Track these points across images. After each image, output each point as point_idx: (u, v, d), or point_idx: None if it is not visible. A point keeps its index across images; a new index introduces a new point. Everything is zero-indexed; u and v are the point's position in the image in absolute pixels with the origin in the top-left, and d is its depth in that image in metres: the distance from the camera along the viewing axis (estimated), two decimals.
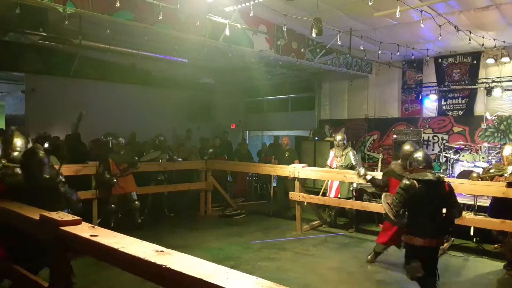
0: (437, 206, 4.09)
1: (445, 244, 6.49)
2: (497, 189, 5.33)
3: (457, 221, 5.87)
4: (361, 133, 11.92)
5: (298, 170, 7.33)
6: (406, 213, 4.20)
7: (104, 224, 6.52)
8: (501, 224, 5.28)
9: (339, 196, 7.43)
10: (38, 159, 3.74)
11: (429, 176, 4.02)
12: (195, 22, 6.71)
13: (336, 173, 7.31)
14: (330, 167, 7.76)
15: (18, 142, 4.28)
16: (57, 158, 5.54)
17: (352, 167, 7.47)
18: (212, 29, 7.09)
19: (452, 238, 6.69)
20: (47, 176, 3.74)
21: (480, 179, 5.64)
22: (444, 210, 4.15)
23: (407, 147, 5.50)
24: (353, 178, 6.97)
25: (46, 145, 6.89)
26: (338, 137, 7.84)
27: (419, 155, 4.28)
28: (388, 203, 4.25)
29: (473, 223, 6.16)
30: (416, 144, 5.72)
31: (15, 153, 4.28)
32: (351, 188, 7.49)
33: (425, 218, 3.99)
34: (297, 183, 7.45)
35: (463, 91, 10.16)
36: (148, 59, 9.86)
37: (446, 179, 4.33)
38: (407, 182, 4.07)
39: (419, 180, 4.00)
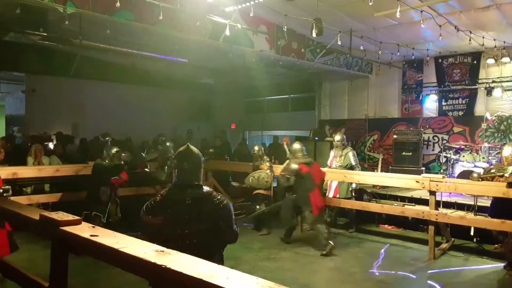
0: None
1: (445, 245, 6.49)
2: (498, 189, 5.33)
3: (459, 222, 5.93)
4: (361, 133, 11.92)
5: None
6: None
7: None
8: (501, 224, 5.28)
9: (337, 196, 7.42)
10: None
11: None
12: (196, 22, 6.71)
13: (336, 173, 7.30)
14: (330, 167, 7.75)
15: None
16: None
17: (351, 168, 7.47)
18: (212, 29, 7.10)
19: (452, 239, 6.69)
20: None
21: (480, 179, 5.64)
22: None
23: None
24: (354, 178, 6.98)
25: None
26: (337, 137, 7.83)
27: None
28: None
29: (473, 223, 6.16)
30: None
31: None
32: (350, 189, 7.48)
33: None
34: None
35: (464, 91, 10.16)
36: (148, 59, 9.86)
37: None
38: None
39: None
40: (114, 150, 6.42)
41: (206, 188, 2.67)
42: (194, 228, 2.48)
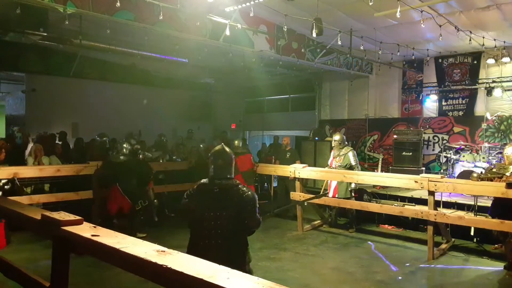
0: None
1: (445, 245, 6.49)
2: (496, 189, 5.32)
3: (458, 222, 5.93)
4: (362, 133, 11.93)
5: (299, 170, 7.33)
6: None
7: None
8: (500, 225, 5.28)
9: (336, 196, 7.43)
10: None
11: None
12: (196, 22, 6.72)
13: (336, 173, 7.31)
14: (330, 167, 7.76)
15: None
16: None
17: (351, 168, 7.46)
18: (212, 29, 7.11)
19: (453, 239, 6.69)
20: None
21: (479, 179, 5.63)
22: None
23: None
24: (353, 178, 6.97)
25: None
26: (336, 137, 7.83)
27: None
28: None
29: (472, 223, 6.16)
30: None
31: None
32: (349, 189, 7.48)
33: None
34: (298, 183, 7.46)
35: (464, 91, 10.17)
36: (148, 59, 9.87)
37: None
38: None
39: None
40: (125, 145, 6.87)
41: (235, 181, 3.14)
42: (220, 212, 2.97)
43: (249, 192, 3.06)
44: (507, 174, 5.40)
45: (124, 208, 6.48)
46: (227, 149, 3.26)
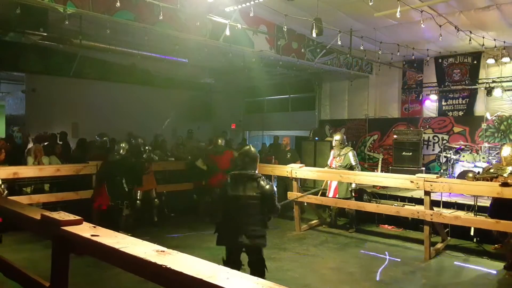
0: None
1: (440, 244, 6.48)
2: (492, 189, 5.31)
3: (454, 222, 5.92)
4: (362, 133, 11.93)
5: (295, 170, 7.33)
6: None
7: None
8: (496, 224, 5.27)
9: (337, 196, 7.42)
10: None
11: None
12: (196, 22, 6.72)
13: (332, 173, 7.30)
14: (330, 167, 7.76)
15: None
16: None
17: (351, 168, 7.46)
18: (212, 29, 7.11)
19: (448, 238, 6.69)
20: None
21: (475, 179, 5.62)
22: None
23: None
24: (349, 178, 6.96)
25: None
26: (336, 137, 7.83)
27: None
28: None
29: (468, 223, 6.14)
30: None
31: None
32: (350, 189, 7.47)
33: None
34: (294, 183, 7.45)
35: (464, 91, 10.18)
36: (148, 59, 9.87)
37: None
38: None
39: None
40: (123, 144, 6.86)
41: (258, 174, 4.09)
42: (244, 195, 3.98)
43: (268, 186, 4.00)
44: (505, 175, 5.39)
45: (103, 204, 6.52)
46: (253, 149, 4.24)
